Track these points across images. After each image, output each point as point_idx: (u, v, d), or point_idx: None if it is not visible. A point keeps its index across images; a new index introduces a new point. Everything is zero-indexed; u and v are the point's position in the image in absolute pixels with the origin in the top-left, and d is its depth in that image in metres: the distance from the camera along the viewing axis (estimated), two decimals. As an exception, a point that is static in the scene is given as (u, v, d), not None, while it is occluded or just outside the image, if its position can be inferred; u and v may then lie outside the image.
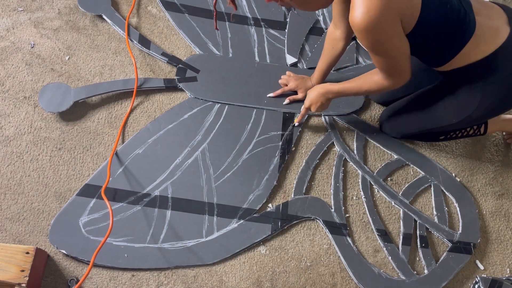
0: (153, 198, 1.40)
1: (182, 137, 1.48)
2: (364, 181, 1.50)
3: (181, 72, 1.58)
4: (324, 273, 1.39)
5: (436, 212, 1.48)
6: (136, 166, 1.43)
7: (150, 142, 1.47)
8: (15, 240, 1.33)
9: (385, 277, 1.37)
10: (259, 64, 1.63)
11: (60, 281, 1.30)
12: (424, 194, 1.51)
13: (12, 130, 1.46)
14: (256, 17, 1.70)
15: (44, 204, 1.38)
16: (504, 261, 1.46)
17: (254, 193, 1.44)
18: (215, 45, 1.64)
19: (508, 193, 1.55)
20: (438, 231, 1.44)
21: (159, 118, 1.51)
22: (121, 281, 1.32)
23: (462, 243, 1.43)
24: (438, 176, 1.52)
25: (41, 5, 1.66)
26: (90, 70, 1.58)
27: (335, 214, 1.44)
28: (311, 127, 1.57)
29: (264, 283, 1.36)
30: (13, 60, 1.56)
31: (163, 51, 1.61)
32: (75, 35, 1.63)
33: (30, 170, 1.42)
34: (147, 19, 1.69)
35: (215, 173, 1.45)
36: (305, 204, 1.44)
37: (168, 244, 1.35)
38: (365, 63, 1.67)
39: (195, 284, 1.34)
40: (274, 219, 1.41)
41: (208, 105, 1.54)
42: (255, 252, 1.39)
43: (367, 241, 1.43)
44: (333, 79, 1.57)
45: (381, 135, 1.57)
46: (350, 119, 1.58)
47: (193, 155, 1.46)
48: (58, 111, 1.46)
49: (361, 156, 1.54)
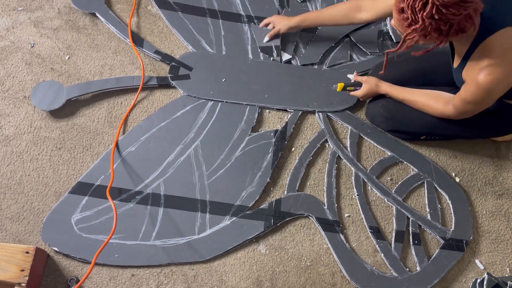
0: (145, 196, 1.40)
1: (175, 135, 1.49)
2: (357, 178, 1.50)
3: (174, 70, 1.58)
4: (324, 272, 1.39)
5: (429, 209, 1.47)
6: (129, 164, 1.43)
7: (142, 140, 1.47)
8: (15, 240, 1.34)
9: (377, 274, 1.37)
10: (252, 61, 1.63)
11: (60, 280, 1.30)
12: (417, 191, 1.51)
13: (12, 129, 1.47)
14: (250, 14, 1.70)
15: (44, 203, 1.39)
16: (504, 261, 1.46)
17: (247, 190, 1.44)
18: (208, 43, 1.64)
19: (508, 193, 1.55)
20: (431, 228, 1.44)
21: (151, 116, 1.51)
22: (121, 280, 1.32)
23: (455, 240, 1.43)
24: (431, 173, 1.52)
25: (41, 4, 1.66)
26: (90, 70, 1.58)
27: (328, 211, 1.44)
28: (305, 124, 1.57)
29: (264, 283, 1.36)
30: (13, 59, 1.57)
31: (156, 49, 1.61)
32: (75, 35, 1.63)
33: (30, 169, 1.42)
34: (146, 19, 1.69)
35: (207, 170, 1.45)
36: (298, 201, 1.44)
37: (161, 241, 1.35)
38: (359, 59, 1.67)
39: (195, 284, 1.34)
40: (267, 216, 1.41)
41: (201, 102, 1.55)
42: (255, 251, 1.39)
43: (367, 240, 1.43)
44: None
45: (375, 132, 1.56)
46: (344, 116, 1.58)
47: (185, 152, 1.47)
48: (50, 109, 1.47)
49: (355, 153, 1.53)
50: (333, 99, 1.59)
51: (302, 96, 1.59)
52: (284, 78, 1.61)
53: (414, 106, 1.42)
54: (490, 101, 1.23)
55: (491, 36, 1.11)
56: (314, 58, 1.66)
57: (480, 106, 1.25)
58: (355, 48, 1.69)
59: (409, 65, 1.50)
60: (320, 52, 1.67)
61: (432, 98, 1.38)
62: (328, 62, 1.66)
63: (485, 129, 1.44)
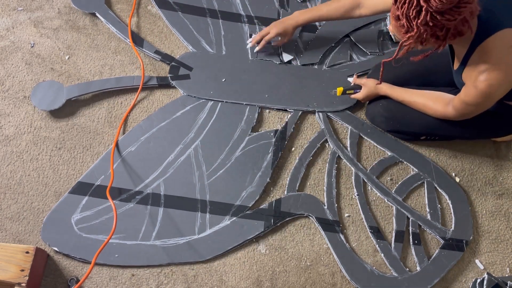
0: (145, 196, 1.40)
1: (175, 135, 1.49)
2: (357, 178, 1.50)
3: (174, 70, 1.58)
4: (324, 272, 1.39)
5: (429, 209, 1.47)
6: (129, 164, 1.43)
7: (142, 140, 1.47)
8: (15, 240, 1.34)
9: (377, 274, 1.37)
10: (252, 61, 1.63)
11: (60, 280, 1.30)
12: (417, 191, 1.51)
13: (12, 129, 1.47)
14: (250, 14, 1.70)
15: (44, 203, 1.39)
16: (504, 261, 1.45)
17: (247, 190, 1.44)
18: (208, 43, 1.64)
19: (508, 193, 1.55)
20: (431, 228, 1.44)
21: (151, 116, 1.51)
22: (121, 280, 1.32)
23: (455, 240, 1.43)
24: (431, 173, 1.51)
25: (40, 4, 1.66)
26: (90, 70, 1.58)
27: (328, 211, 1.44)
28: (305, 124, 1.57)
29: (264, 283, 1.36)
30: (13, 59, 1.57)
31: (156, 49, 1.61)
32: (75, 35, 1.63)
33: (30, 169, 1.42)
34: (146, 19, 1.69)
35: (207, 170, 1.45)
36: (298, 201, 1.44)
37: (161, 241, 1.36)
38: (359, 59, 1.67)
39: (195, 284, 1.34)
40: (267, 216, 1.41)
41: (201, 102, 1.55)
42: (255, 251, 1.39)
43: (367, 240, 1.43)
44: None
45: (375, 132, 1.56)
46: (344, 116, 1.58)
47: (185, 152, 1.47)
48: (50, 109, 1.47)
49: (355, 153, 1.53)
50: (333, 99, 1.59)
51: (302, 96, 1.59)
52: (284, 78, 1.61)
53: (414, 107, 1.42)
54: (490, 104, 1.23)
55: (488, 38, 1.10)
56: (314, 58, 1.66)
57: (480, 108, 1.25)
58: (355, 48, 1.69)
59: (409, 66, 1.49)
60: (320, 52, 1.67)
61: (432, 99, 1.38)
62: (328, 62, 1.66)
63: (485, 129, 1.44)
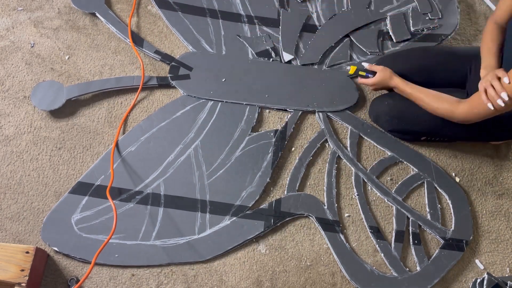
0: (145, 196, 1.40)
1: (175, 135, 1.49)
2: (357, 178, 1.50)
3: (174, 70, 1.58)
4: (324, 272, 1.39)
5: (429, 209, 1.47)
6: (129, 164, 1.43)
7: (142, 140, 1.47)
8: (15, 240, 1.34)
9: (377, 274, 1.37)
10: (252, 61, 1.63)
11: (60, 280, 1.30)
12: (417, 191, 1.51)
13: (12, 129, 1.47)
14: (250, 14, 1.70)
15: (44, 203, 1.38)
16: (504, 261, 1.46)
17: (247, 190, 1.44)
18: (208, 43, 1.64)
19: (508, 193, 1.55)
20: (431, 228, 1.44)
21: (151, 116, 1.51)
22: (121, 280, 1.32)
23: (455, 240, 1.43)
24: (431, 173, 1.51)
25: (40, 4, 1.66)
26: (90, 70, 1.58)
27: (328, 211, 1.44)
28: (305, 124, 1.57)
29: (264, 283, 1.36)
30: (13, 59, 1.57)
31: (156, 49, 1.61)
32: (75, 35, 1.63)
33: (30, 169, 1.42)
34: (146, 19, 1.69)
35: (207, 170, 1.45)
36: (298, 201, 1.44)
37: (161, 241, 1.35)
38: (359, 59, 1.67)
39: (195, 284, 1.34)
40: (267, 216, 1.41)
41: (201, 102, 1.55)
42: (255, 251, 1.39)
43: (367, 240, 1.43)
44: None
45: (375, 132, 1.56)
46: (343, 116, 1.58)
47: (185, 152, 1.47)
48: (50, 109, 1.47)
49: (355, 153, 1.53)
50: (333, 99, 1.59)
51: (302, 96, 1.59)
52: (284, 78, 1.61)
53: (420, 102, 1.40)
54: (496, 113, 1.24)
55: None
56: (314, 58, 1.66)
57: (486, 116, 1.26)
58: (355, 48, 1.69)
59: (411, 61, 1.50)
60: (320, 52, 1.67)
61: (439, 98, 1.36)
62: (328, 62, 1.66)
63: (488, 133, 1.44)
